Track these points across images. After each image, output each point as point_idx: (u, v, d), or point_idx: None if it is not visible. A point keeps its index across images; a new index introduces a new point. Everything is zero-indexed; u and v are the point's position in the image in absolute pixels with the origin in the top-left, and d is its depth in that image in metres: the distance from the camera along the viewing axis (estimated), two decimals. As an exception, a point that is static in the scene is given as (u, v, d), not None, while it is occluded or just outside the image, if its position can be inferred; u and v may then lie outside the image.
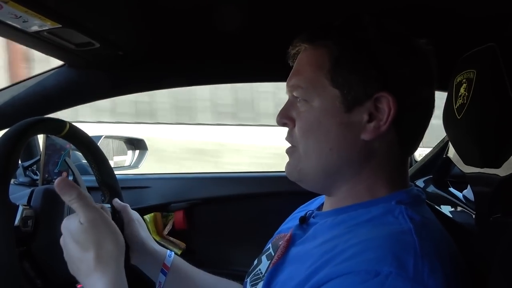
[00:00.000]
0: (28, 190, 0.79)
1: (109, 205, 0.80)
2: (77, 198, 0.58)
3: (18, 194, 0.85)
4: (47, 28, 0.74)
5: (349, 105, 0.57)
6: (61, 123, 0.80)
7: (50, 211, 0.76)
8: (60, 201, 0.82)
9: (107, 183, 0.97)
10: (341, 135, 0.58)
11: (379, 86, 0.56)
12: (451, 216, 0.83)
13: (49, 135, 1.04)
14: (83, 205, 0.58)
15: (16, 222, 0.71)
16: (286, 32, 0.65)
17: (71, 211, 0.86)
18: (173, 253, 0.81)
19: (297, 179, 0.62)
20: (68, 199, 0.59)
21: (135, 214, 0.81)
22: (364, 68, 0.56)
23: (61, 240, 0.60)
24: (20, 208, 0.72)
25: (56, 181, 0.58)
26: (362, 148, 0.57)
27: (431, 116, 0.62)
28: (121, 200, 1.05)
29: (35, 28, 0.73)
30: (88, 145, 0.90)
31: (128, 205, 0.82)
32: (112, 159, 1.63)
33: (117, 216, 1.02)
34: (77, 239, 0.57)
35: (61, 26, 0.74)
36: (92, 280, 0.56)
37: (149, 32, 0.90)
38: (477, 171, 0.66)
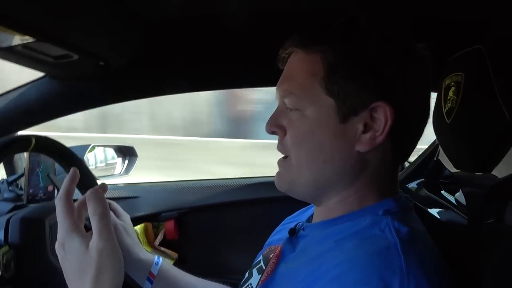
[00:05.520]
0: (3, 220, 0.74)
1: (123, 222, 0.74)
2: (99, 216, 0.53)
3: None
4: (20, 42, 0.71)
5: (344, 115, 0.54)
6: (25, 139, 0.77)
7: (31, 242, 0.72)
8: (40, 227, 0.78)
9: (86, 185, 0.94)
10: (335, 146, 0.55)
11: (376, 96, 0.53)
12: (443, 220, 0.81)
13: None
14: (100, 227, 0.53)
15: None
16: (275, 35, 0.62)
17: (52, 239, 0.83)
18: (160, 259, 0.78)
19: (287, 190, 0.60)
20: (92, 211, 0.54)
21: (125, 217, 0.77)
22: (361, 76, 0.53)
23: (57, 249, 0.55)
24: None
25: (89, 191, 0.53)
26: (356, 160, 0.55)
27: (426, 124, 0.60)
28: None
29: (8, 43, 0.70)
30: (59, 152, 0.87)
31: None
32: (101, 168, 1.61)
33: None
34: (78, 260, 0.53)
35: (35, 40, 0.71)
36: None
37: (129, 43, 0.88)
38: (468, 174, 0.65)
